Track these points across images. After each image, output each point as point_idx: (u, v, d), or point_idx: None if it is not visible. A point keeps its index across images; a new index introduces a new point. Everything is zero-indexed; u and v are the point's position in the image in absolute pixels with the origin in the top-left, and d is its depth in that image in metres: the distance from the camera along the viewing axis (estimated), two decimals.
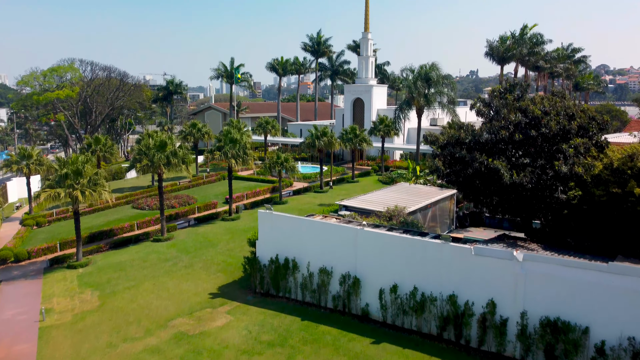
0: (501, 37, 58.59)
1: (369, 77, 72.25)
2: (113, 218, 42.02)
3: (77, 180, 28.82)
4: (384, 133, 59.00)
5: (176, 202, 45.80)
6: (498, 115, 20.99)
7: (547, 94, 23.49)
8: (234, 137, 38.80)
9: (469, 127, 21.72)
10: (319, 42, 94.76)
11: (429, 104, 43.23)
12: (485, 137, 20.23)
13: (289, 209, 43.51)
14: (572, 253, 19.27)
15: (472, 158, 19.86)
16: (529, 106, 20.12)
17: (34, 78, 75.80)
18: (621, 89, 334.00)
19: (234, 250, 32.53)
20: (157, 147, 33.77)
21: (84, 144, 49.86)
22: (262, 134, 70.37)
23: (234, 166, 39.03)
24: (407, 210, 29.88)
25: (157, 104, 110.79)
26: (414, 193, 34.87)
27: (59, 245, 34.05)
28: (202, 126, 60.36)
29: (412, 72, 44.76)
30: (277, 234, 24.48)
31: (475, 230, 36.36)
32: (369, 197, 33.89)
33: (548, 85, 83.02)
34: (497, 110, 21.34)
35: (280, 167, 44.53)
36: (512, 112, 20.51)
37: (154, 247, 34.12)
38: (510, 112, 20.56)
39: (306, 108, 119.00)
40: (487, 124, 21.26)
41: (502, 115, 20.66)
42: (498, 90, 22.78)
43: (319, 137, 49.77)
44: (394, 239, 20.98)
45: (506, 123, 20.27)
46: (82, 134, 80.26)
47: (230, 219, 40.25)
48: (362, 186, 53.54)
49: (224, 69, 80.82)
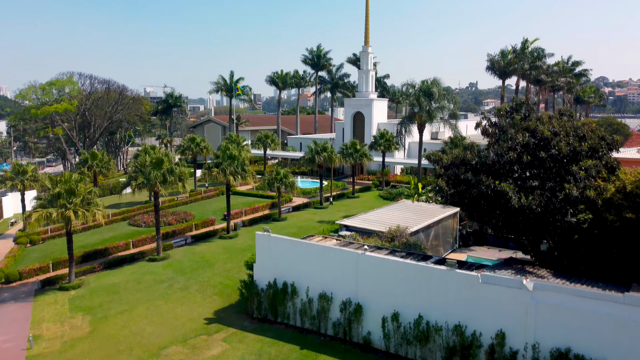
0: (502, 52, 58.20)
1: (369, 90, 71.82)
2: (108, 236, 41.13)
3: (70, 200, 28.00)
4: (384, 148, 58.33)
5: (173, 218, 44.93)
6: (505, 135, 20.26)
7: (554, 112, 22.74)
8: (232, 153, 38.06)
9: (475, 148, 20.97)
10: (319, 56, 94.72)
11: (431, 119, 42.62)
12: (491, 159, 19.46)
13: (288, 226, 42.69)
14: (584, 281, 18.39)
15: (478, 180, 19.08)
16: (538, 126, 19.39)
17: (32, 91, 75.47)
18: (620, 101, 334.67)
19: (231, 271, 31.60)
20: (153, 165, 33.00)
21: (80, 159, 49.07)
22: (261, 147, 69.75)
23: (232, 183, 38.24)
24: (410, 230, 29.03)
25: (156, 117, 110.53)
26: (416, 211, 34.02)
27: (51, 265, 33.10)
28: (201, 140, 59.72)
29: (414, 88, 44.18)
30: (275, 257, 23.60)
31: (479, 250, 35.46)
32: (370, 216, 33.05)
33: (549, 99, 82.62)
34: (503, 130, 20.62)
35: (280, 183, 43.73)
36: (519, 132, 19.79)
37: (150, 267, 33.19)
38: (518, 132, 19.84)
39: (306, 121, 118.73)
40: (494, 144, 20.51)
41: (509, 135, 19.93)
42: (504, 109, 22.09)
43: (318, 153, 49.07)
44: (397, 265, 20.11)
45: (513, 144, 19.53)
46: (80, 147, 79.65)
47: (228, 237, 39.36)
48: (363, 202, 52.74)
49: (223, 83, 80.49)
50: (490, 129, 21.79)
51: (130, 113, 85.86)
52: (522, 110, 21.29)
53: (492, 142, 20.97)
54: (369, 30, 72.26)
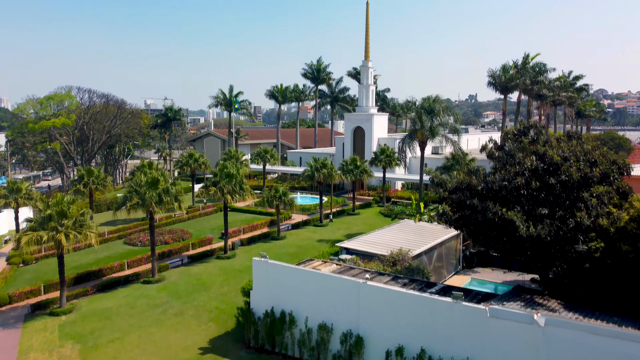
0: (503, 67, 57.72)
1: (369, 105, 71.29)
2: (103, 255, 40.17)
3: (61, 222, 27.14)
4: (385, 164, 57.58)
5: (170, 237, 43.98)
6: (512, 159, 19.47)
7: (563, 134, 21.97)
8: (230, 171, 37.26)
9: (480, 172, 20.16)
10: (319, 70, 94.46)
11: (433, 136, 41.94)
12: (498, 184, 18.64)
13: (287, 245, 41.73)
14: (598, 314, 17.45)
15: (485, 207, 18.26)
16: (547, 151, 18.60)
17: (31, 105, 74.97)
18: (620, 114, 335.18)
19: (227, 294, 30.61)
20: (149, 184, 32.19)
21: (76, 175, 48.28)
22: (260, 163, 69.01)
23: (230, 202, 37.38)
24: (412, 253, 28.13)
25: (155, 130, 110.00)
26: (418, 232, 33.14)
27: (42, 288, 32.12)
28: (199, 156, 59.01)
29: (415, 105, 43.56)
30: (273, 284, 22.67)
31: (483, 271, 34.51)
32: (371, 237, 32.13)
33: (550, 113, 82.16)
34: (511, 154, 19.83)
35: (279, 201, 42.87)
36: (527, 156, 19.02)
37: (144, 290, 32.19)
38: (526, 156, 19.06)
39: (306, 134, 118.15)
40: (501, 169, 19.71)
41: (517, 159, 19.14)
42: (512, 132, 21.34)
43: (318, 169, 48.29)
44: (400, 295, 19.18)
45: (521, 168, 18.74)
46: (77, 161, 78.95)
47: (226, 257, 38.40)
48: (363, 219, 51.83)
49: (222, 97, 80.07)
50: (496, 153, 21.01)
51: (129, 127, 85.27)
52: (530, 133, 20.56)
53: (499, 166, 20.17)
54: (369, 45, 71.97)
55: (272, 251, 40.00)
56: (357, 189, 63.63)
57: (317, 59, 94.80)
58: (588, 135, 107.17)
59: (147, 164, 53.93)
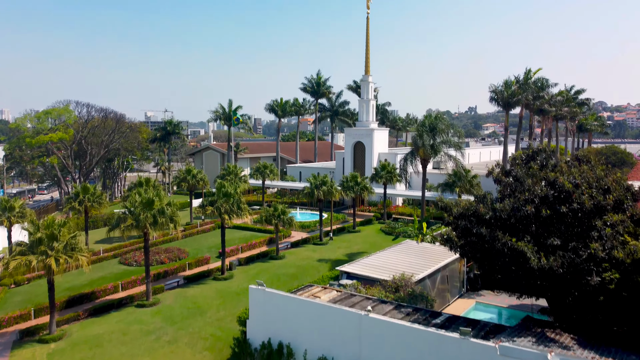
0: (505, 82, 57.19)
1: (369, 120, 70.69)
2: (97, 276, 39.12)
3: (51, 246, 26.19)
4: (386, 180, 56.74)
5: (166, 257, 42.94)
6: (521, 185, 18.62)
7: (572, 156, 21.13)
8: (228, 190, 36.38)
9: (488, 199, 19.28)
10: (319, 83, 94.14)
11: (435, 154, 41.13)
12: (507, 212, 17.75)
13: (286, 266, 40.69)
14: (614, 352, 16.44)
15: (493, 237, 17.37)
16: (558, 178, 17.74)
17: (28, 120, 74.39)
18: (619, 126, 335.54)
19: (224, 320, 29.52)
20: (143, 205, 31.29)
21: (71, 193, 47.41)
22: (260, 178, 68.16)
23: (227, 221, 36.43)
24: (415, 278, 27.15)
25: (154, 144, 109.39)
26: (421, 255, 32.16)
27: (33, 312, 31.02)
28: (197, 172, 58.18)
29: (417, 122, 42.83)
30: (270, 314, 21.66)
31: (488, 294, 33.38)
32: (372, 260, 31.13)
33: (552, 128, 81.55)
34: (519, 180, 18.98)
35: (277, 219, 41.92)
36: (537, 183, 18.17)
37: (138, 314, 31.10)
38: (536, 183, 18.22)
39: (306, 148, 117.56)
40: (510, 196, 18.84)
41: (526, 186, 18.29)
42: (520, 156, 20.52)
43: (318, 187, 47.43)
44: (404, 330, 18.17)
45: (531, 196, 17.88)
46: (75, 176, 78.13)
47: (223, 278, 37.34)
48: (364, 237, 50.85)
49: (222, 111, 79.51)
50: (504, 178, 20.15)
51: (128, 141, 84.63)
52: (539, 157, 19.74)
53: (507, 192, 19.29)
54: (369, 59, 71.63)
55: (270, 271, 39.03)
56: (358, 205, 62.73)
57: (316, 73, 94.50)
58: (590, 149, 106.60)
59: (144, 180, 53.24)
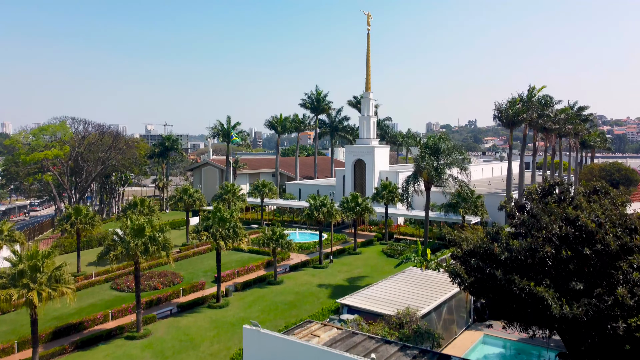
0: (510, 100, 56.14)
1: (370, 137, 69.53)
2: (87, 303, 37.48)
3: (34, 278, 24.67)
4: (387, 200, 55.32)
5: (159, 282, 41.32)
6: (538, 223, 17.21)
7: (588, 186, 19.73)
8: (224, 215, 34.94)
9: (502, 237, 17.81)
10: (319, 99, 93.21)
11: (440, 176, 39.76)
12: (524, 253, 16.31)
13: (285, 292, 39.02)
14: None
15: (509, 280, 15.93)
16: (579, 216, 16.34)
17: (23, 137, 73.22)
18: (619, 140, 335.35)
19: (218, 355, 27.85)
20: (134, 232, 29.82)
21: (63, 214, 45.94)
22: (258, 197, 66.72)
23: (222, 247, 34.90)
24: (420, 312, 25.58)
25: (152, 159, 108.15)
26: (425, 285, 30.58)
27: (16, 346, 29.35)
28: (194, 191, 56.74)
29: (419, 143, 41.58)
30: (265, 357, 20.05)
31: (497, 325, 31.73)
32: (375, 291, 29.54)
33: (556, 145, 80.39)
34: (536, 217, 17.57)
35: (275, 243, 40.40)
36: (556, 221, 16.78)
37: (127, 347, 29.43)
38: (554, 221, 16.82)
39: (306, 163, 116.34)
40: (526, 235, 17.41)
41: (544, 224, 16.88)
42: (535, 191, 19.11)
43: (317, 208, 45.97)
44: None
45: (548, 234, 16.47)
46: (71, 193, 76.65)
47: (218, 306, 35.70)
48: (365, 259, 49.24)
49: (220, 128, 78.35)
50: (519, 215, 18.73)
51: (123, 158, 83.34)
52: (556, 191, 18.37)
53: (523, 230, 17.87)
54: (370, 76, 70.74)
55: (267, 299, 37.39)
56: (358, 224, 61.22)
57: (316, 89, 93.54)
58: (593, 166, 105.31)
59: (139, 201, 51.82)
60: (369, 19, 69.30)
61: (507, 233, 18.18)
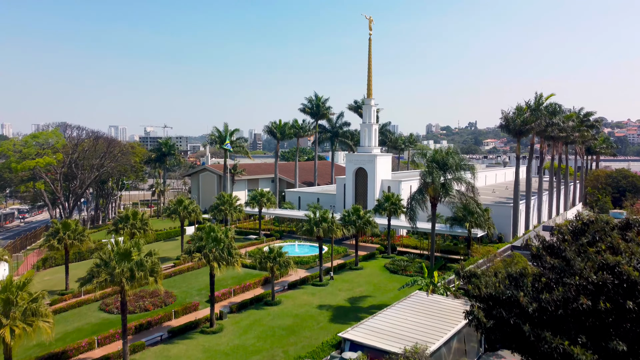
0: (517, 108, 54.00)
1: (372, 145, 67.42)
2: (73, 327, 35.33)
3: (7, 313, 22.52)
4: (390, 212, 53.19)
5: (150, 302, 39.13)
6: (569, 267, 15.12)
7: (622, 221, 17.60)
8: (217, 235, 32.81)
9: (528, 283, 15.67)
10: (318, 105, 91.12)
11: (447, 192, 37.64)
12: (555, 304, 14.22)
13: (283, 315, 36.77)
14: None
15: (539, 337, 13.84)
16: (620, 263, 14.23)
17: (14, 144, 71.09)
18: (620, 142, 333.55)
19: None
20: (120, 256, 27.68)
21: (50, 230, 43.77)
22: (256, 206, 64.59)
23: (216, 270, 32.73)
24: (430, 348, 23.43)
25: (149, 165, 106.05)
26: (433, 313, 28.42)
27: None
28: (189, 203, 54.62)
29: (425, 157, 39.47)
30: None
31: (509, 356, 29.62)
32: (379, 322, 27.34)
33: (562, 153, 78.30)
34: (567, 260, 15.47)
35: (273, 262, 38.24)
36: (592, 267, 14.68)
37: None
38: (591, 267, 14.72)
39: (306, 168, 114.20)
40: (557, 282, 15.29)
41: (577, 269, 14.79)
42: (566, 230, 16.98)
43: (318, 224, 43.81)
44: None
45: (583, 281, 14.38)
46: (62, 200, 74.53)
47: (211, 331, 33.53)
48: (367, 276, 47.05)
49: (218, 135, 76.26)
50: (546, 256, 16.58)
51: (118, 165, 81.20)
52: (589, 230, 16.25)
53: (553, 277, 15.72)
54: (371, 82, 68.67)
55: (264, 323, 35.19)
56: (360, 235, 59.13)
57: (315, 94, 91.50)
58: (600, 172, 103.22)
59: (132, 214, 49.70)
60: (370, 24, 67.23)
61: (532, 278, 16.05)
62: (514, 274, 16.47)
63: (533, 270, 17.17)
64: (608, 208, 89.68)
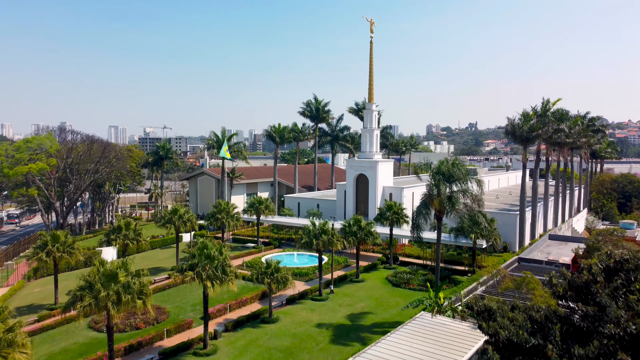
0: (523, 114, 52.22)
1: (373, 151, 65.67)
2: (59, 347, 33.53)
3: None
4: (392, 222, 51.42)
5: (142, 320, 37.31)
6: (602, 312, 13.37)
7: None
8: (211, 253, 31.07)
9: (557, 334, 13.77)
10: (318, 108, 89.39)
11: (453, 206, 35.89)
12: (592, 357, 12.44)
13: (280, 334, 34.96)
14: None
15: None
16: None
17: (6, 150, 69.33)
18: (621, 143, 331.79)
19: None
20: (105, 278, 25.94)
21: (39, 242, 42.03)
22: (254, 214, 62.83)
23: (209, 289, 30.95)
24: None
25: (146, 168, 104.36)
26: (441, 339, 26.65)
27: None
28: (185, 212, 52.86)
29: (430, 167, 37.70)
30: None
31: None
32: (382, 351, 25.53)
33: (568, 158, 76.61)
34: (600, 305, 13.68)
35: (270, 278, 36.49)
36: (631, 314, 12.94)
37: None
38: (630, 315, 12.97)
39: (305, 171, 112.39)
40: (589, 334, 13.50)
41: (611, 316, 13.05)
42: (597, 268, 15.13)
43: (317, 236, 42.06)
44: None
45: (620, 330, 12.63)
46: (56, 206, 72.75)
47: (205, 353, 31.75)
48: (368, 289, 45.27)
49: (215, 139, 74.53)
50: (573, 298, 14.77)
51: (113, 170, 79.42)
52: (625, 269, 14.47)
53: (585, 325, 13.91)
54: (372, 86, 66.94)
55: (260, 344, 33.40)
56: (361, 244, 57.36)
57: (315, 98, 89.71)
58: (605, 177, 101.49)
59: (124, 225, 47.99)
60: (372, 26, 65.48)
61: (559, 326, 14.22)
62: (538, 319, 14.68)
63: (554, 308, 15.39)
64: (614, 214, 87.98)
